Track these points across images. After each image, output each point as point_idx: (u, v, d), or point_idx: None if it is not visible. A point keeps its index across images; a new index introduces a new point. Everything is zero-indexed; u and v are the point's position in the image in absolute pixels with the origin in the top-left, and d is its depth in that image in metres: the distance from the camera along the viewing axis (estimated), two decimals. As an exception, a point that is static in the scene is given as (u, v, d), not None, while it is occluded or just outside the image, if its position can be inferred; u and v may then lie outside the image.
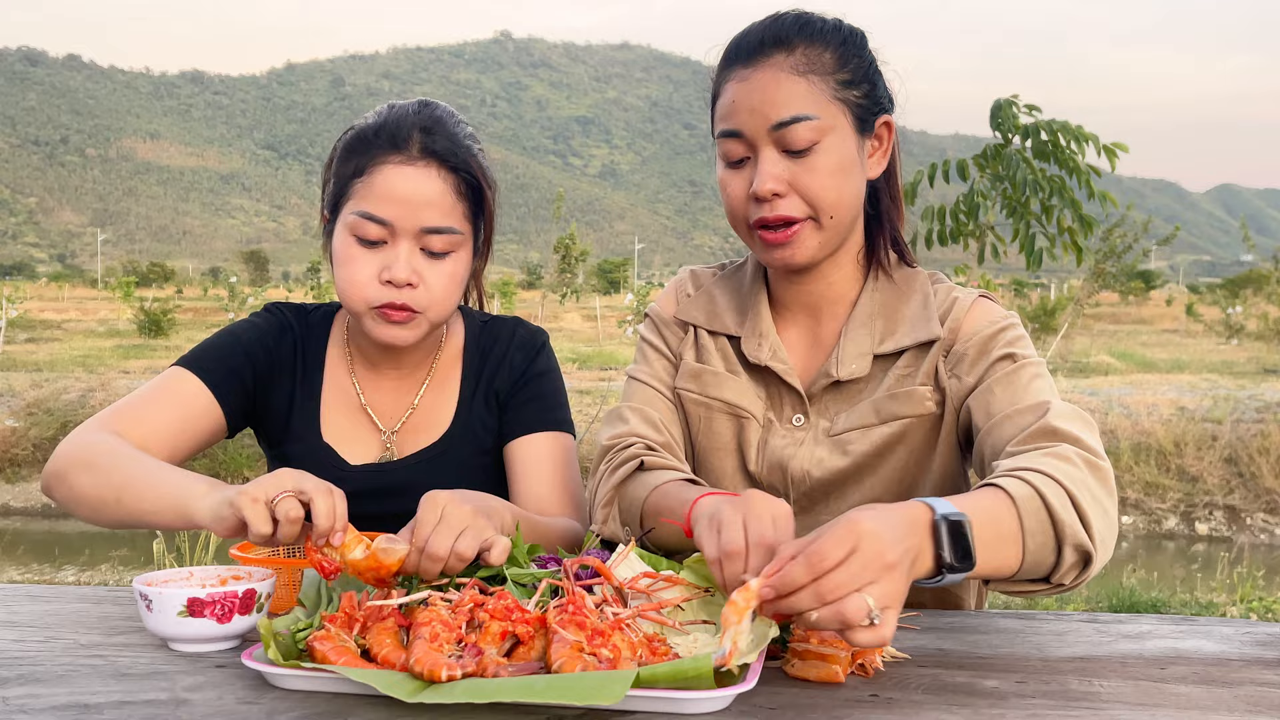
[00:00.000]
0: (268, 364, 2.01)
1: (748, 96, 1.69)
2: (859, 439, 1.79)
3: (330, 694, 1.25)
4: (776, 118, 1.67)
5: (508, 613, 1.30)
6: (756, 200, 1.71)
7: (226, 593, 1.42)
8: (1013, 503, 1.39)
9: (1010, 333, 1.76)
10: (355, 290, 1.85)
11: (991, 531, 1.35)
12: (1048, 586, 1.46)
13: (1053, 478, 1.43)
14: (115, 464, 1.70)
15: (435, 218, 1.84)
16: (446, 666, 1.19)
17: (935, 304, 1.82)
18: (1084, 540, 1.41)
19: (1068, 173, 7.18)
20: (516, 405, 2.02)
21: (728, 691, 1.19)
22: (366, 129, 1.89)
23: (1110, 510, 1.48)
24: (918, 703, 1.25)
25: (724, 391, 1.89)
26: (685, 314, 1.97)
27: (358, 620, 1.36)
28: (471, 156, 1.90)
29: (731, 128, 1.72)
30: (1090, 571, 1.44)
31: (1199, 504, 15.45)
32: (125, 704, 1.22)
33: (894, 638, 1.42)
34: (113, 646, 1.46)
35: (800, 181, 1.69)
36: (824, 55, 1.70)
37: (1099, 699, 1.26)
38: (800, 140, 1.67)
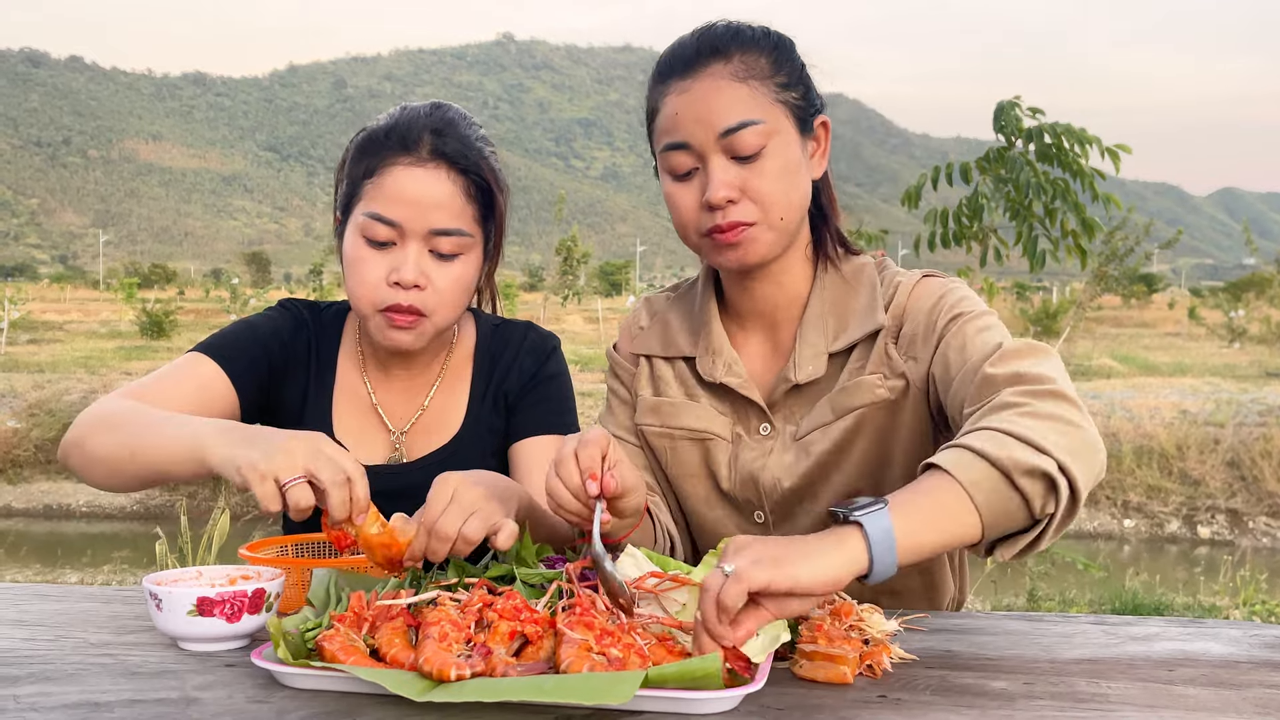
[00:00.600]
0: (283, 358, 2.00)
1: (691, 107, 1.70)
2: (819, 438, 1.80)
3: (339, 693, 1.25)
4: (723, 125, 1.68)
5: (516, 613, 1.30)
6: (709, 209, 1.71)
7: (236, 592, 1.42)
8: (940, 469, 1.37)
9: (950, 297, 1.76)
10: (364, 291, 1.85)
11: (932, 504, 1.34)
12: (1040, 528, 1.40)
13: (981, 428, 1.40)
14: (130, 420, 1.68)
15: (444, 220, 1.84)
16: (455, 666, 1.19)
17: (881, 292, 1.82)
18: (1035, 462, 1.35)
19: (1071, 175, 7.18)
20: (525, 408, 2.02)
21: (736, 692, 1.20)
22: (378, 130, 1.89)
23: (1074, 420, 1.42)
24: (926, 704, 1.25)
25: (684, 419, 1.90)
26: (640, 348, 1.99)
27: (366, 620, 1.36)
28: (483, 159, 1.89)
29: (678, 140, 1.72)
30: (1074, 489, 1.37)
31: (1201, 507, 15.44)
32: (136, 702, 1.22)
33: (902, 639, 1.43)
34: (122, 645, 1.46)
35: (751, 186, 1.70)
36: (760, 61, 1.72)
37: (1107, 700, 1.26)
38: (749, 145, 1.68)
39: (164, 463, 1.61)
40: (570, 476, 1.44)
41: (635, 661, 1.24)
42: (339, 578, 1.51)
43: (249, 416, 1.97)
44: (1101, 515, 14.87)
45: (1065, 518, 1.40)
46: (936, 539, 1.34)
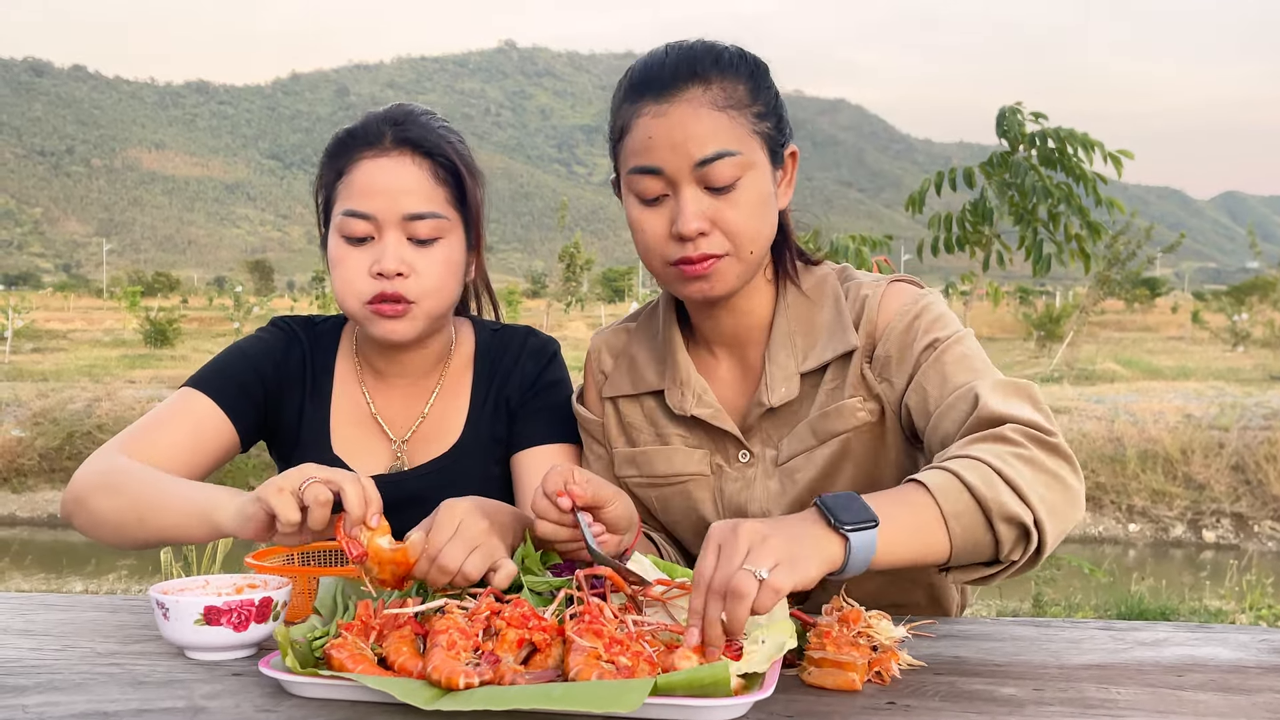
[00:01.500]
0: (277, 379, 2.01)
1: (667, 133, 1.63)
2: (804, 464, 1.77)
3: (348, 701, 1.25)
4: (700, 155, 1.62)
5: (524, 620, 1.30)
6: (679, 239, 1.66)
7: (243, 601, 1.42)
8: (927, 490, 1.40)
9: (924, 318, 1.72)
10: (348, 288, 1.87)
11: (911, 523, 1.38)
12: (1000, 568, 1.46)
13: (977, 459, 1.43)
14: (134, 484, 1.71)
15: (416, 204, 1.86)
16: (464, 674, 1.19)
17: (847, 307, 1.78)
18: (1015, 512, 1.40)
19: (1074, 180, 7.18)
20: (526, 415, 2.02)
21: (745, 699, 1.20)
22: (342, 133, 1.94)
23: (1065, 477, 1.47)
24: (935, 710, 1.24)
25: (660, 467, 1.86)
26: (610, 391, 1.93)
27: (374, 628, 1.36)
28: (446, 143, 1.92)
29: (649, 164, 1.65)
30: (1039, 544, 1.43)
31: (1206, 511, 15.41)
32: (143, 712, 1.22)
33: (910, 645, 1.43)
34: (129, 655, 1.46)
35: (723, 218, 1.65)
36: (739, 88, 1.66)
37: (1117, 706, 1.26)
38: (723, 177, 1.63)
39: (172, 529, 1.66)
40: (547, 512, 1.48)
41: (645, 669, 1.23)
42: (345, 586, 1.51)
43: (248, 440, 1.98)
44: (1106, 520, 14.85)
45: (1025, 566, 1.48)
46: (907, 555, 1.39)
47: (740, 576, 1.24)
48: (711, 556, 1.29)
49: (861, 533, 1.33)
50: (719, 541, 1.30)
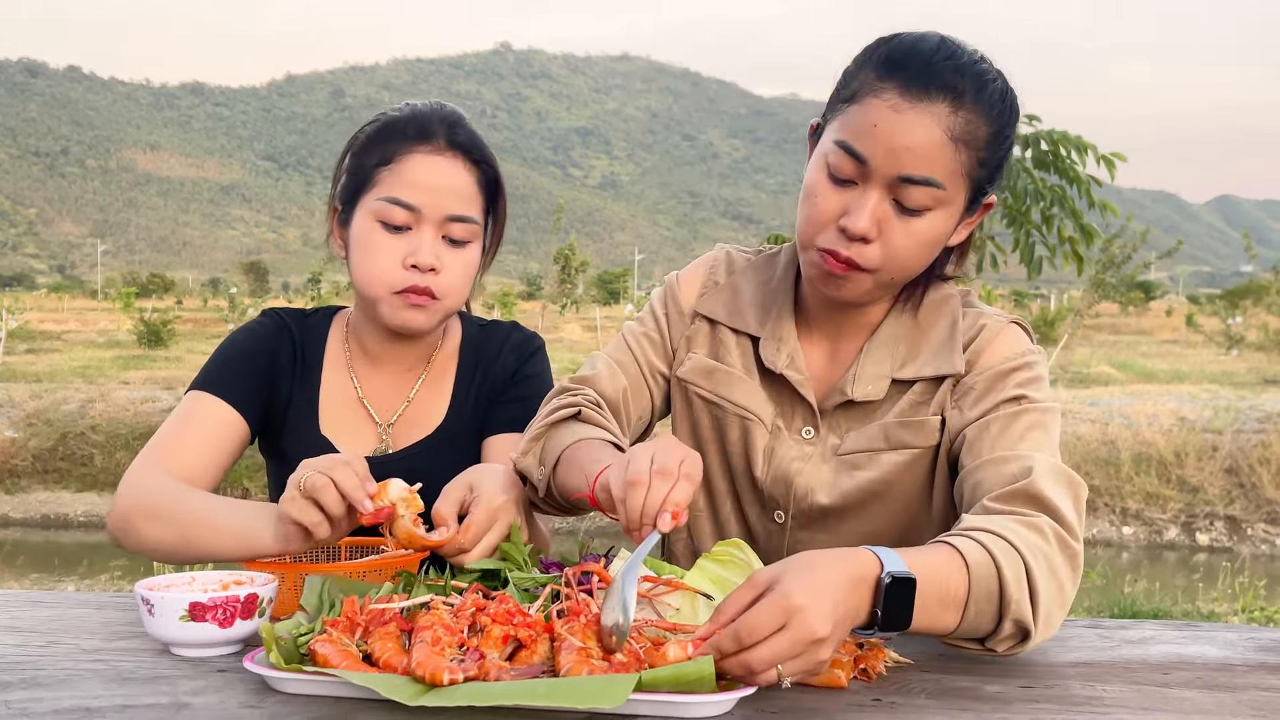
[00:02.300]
0: (270, 366, 2.04)
1: (892, 133, 1.55)
2: (866, 463, 1.73)
3: (332, 698, 1.25)
4: (909, 171, 1.55)
5: (509, 617, 1.30)
6: (841, 230, 1.60)
7: (228, 597, 1.42)
8: (966, 569, 1.35)
9: (1024, 373, 1.67)
10: (378, 274, 1.91)
11: (936, 595, 1.32)
12: (979, 648, 1.42)
13: (1015, 548, 1.38)
14: (177, 510, 1.77)
15: (459, 206, 1.92)
16: (449, 670, 1.19)
17: (961, 331, 1.74)
18: (1026, 619, 1.37)
19: (1068, 182, 7.19)
20: (503, 403, 2.07)
21: (730, 696, 1.19)
22: (394, 120, 1.96)
23: (1068, 591, 1.44)
24: (921, 707, 1.24)
25: (735, 393, 1.82)
26: (706, 308, 1.89)
27: (359, 625, 1.36)
28: (488, 153, 1.99)
29: (858, 150, 1.57)
30: (1025, 647, 1.41)
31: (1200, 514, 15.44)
32: (127, 708, 1.22)
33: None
34: (114, 651, 1.46)
35: (892, 236, 1.59)
36: (982, 128, 1.58)
37: (1102, 703, 1.26)
38: (916, 201, 1.57)
39: (217, 553, 1.74)
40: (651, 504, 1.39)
41: (633, 666, 1.23)
42: (332, 584, 1.51)
43: (256, 430, 2.03)
44: (1100, 522, 14.87)
45: (999, 654, 1.44)
46: (920, 625, 1.32)
47: (766, 673, 1.20)
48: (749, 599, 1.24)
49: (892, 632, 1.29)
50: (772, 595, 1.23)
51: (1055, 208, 7.22)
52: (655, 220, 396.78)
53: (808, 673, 1.23)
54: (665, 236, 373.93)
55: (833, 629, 1.22)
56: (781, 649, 1.20)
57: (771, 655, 1.20)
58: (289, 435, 2.03)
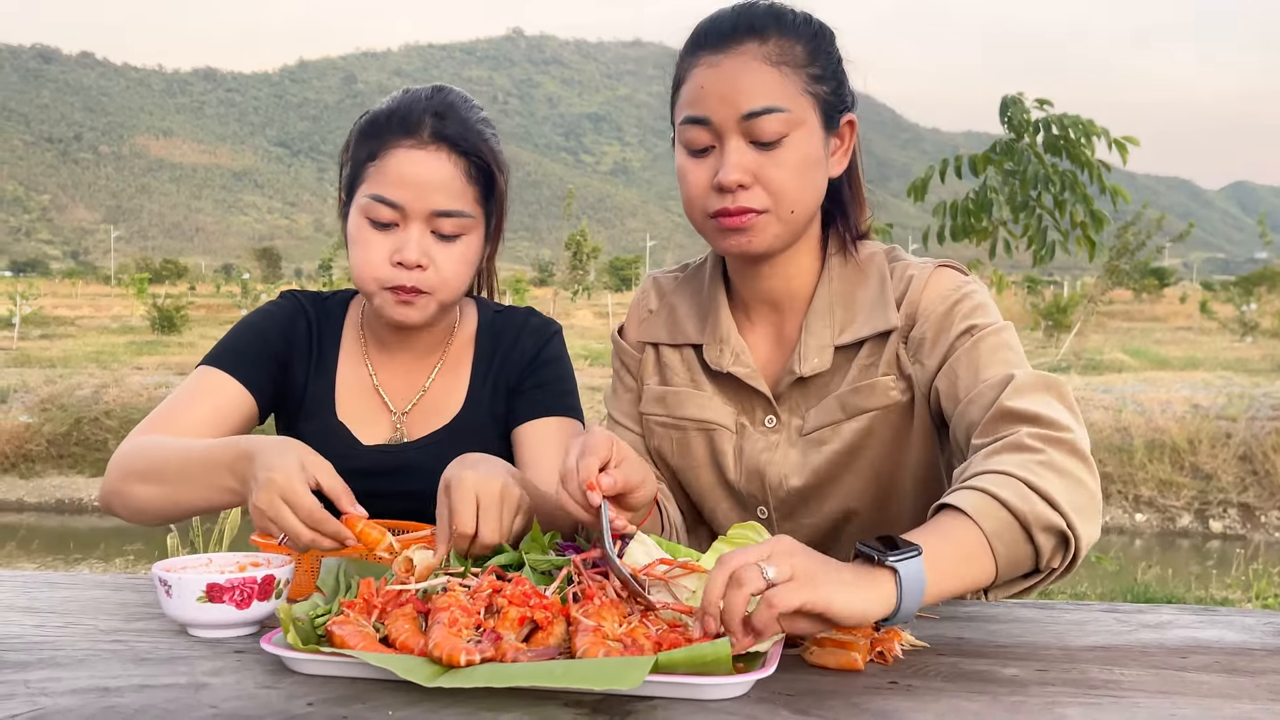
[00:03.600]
0: (285, 348, 2.05)
1: (718, 83, 1.65)
2: (830, 436, 1.77)
3: (349, 679, 1.25)
4: (747, 107, 1.63)
5: (526, 598, 1.30)
6: (719, 190, 1.66)
7: (245, 578, 1.42)
8: (964, 513, 1.36)
9: (965, 304, 1.72)
10: (368, 270, 1.90)
11: (952, 556, 1.33)
12: (1040, 577, 1.44)
13: (1003, 473, 1.40)
14: (163, 468, 1.77)
15: (445, 201, 1.88)
16: (465, 651, 1.19)
17: (892, 286, 1.78)
18: (1053, 520, 1.38)
19: (1079, 167, 7.16)
20: (526, 391, 2.05)
21: (747, 678, 1.19)
22: (380, 113, 1.93)
23: (1084, 479, 1.44)
24: (937, 690, 1.24)
25: (689, 409, 1.87)
26: (647, 335, 1.95)
27: (376, 606, 1.36)
28: (483, 141, 1.93)
29: (698, 114, 1.67)
30: (1077, 549, 1.41)
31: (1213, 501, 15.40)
32: (146, 688, 1.22)
33: (913, 626, 1.42)
34: (132, 632, 1.46)
35: (765, 174, 1.65)
36: (796, 48, 1.67)
37: (1120, 687, 1.26)
38: (769, 132, 1.63)
39: (206, 506, 1.75)
40: (575, 492, 1.45)
41: (649, 648, 1.23)
42: (348, 566, 1.51)
43: (267, 412, 2.04)
44: (1113, 509, 14.85)
45: (1063, 573, 1.46)
46: (958, 586, 1.35)
47: (749, 568, 1.22)
48: (742, 551, 1.26)
49: (908, 561, 1.28)
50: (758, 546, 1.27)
51: (1066, 193, 7.19)
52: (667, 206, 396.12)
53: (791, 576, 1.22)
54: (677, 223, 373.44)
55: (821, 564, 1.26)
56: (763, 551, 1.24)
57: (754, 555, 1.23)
58: (306, 419, 2.03)
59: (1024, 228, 7.25)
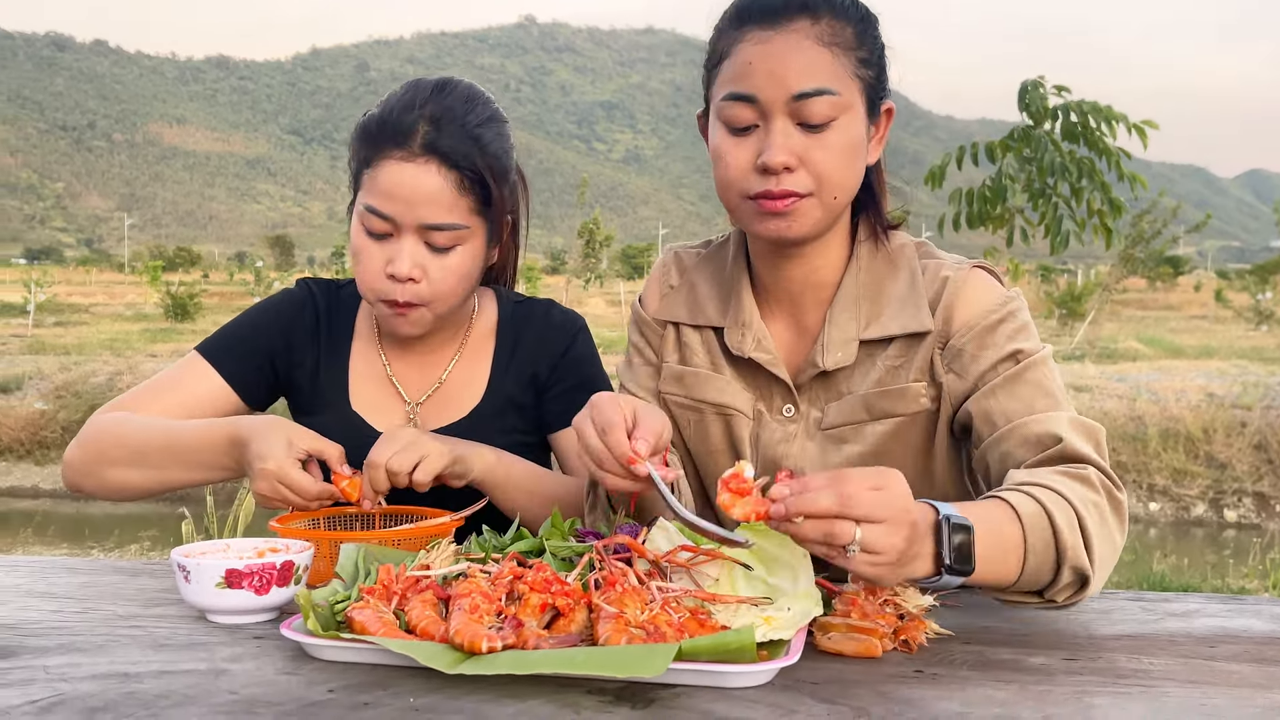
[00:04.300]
0: (286, 344, 2.04)
1: (767, 60, 1.58)
2: (852, 436, 1.72)
3: (369, 665, 1.24)
4: (799, 87, 1.57)
5: (547, 585, 1.29)
6: (763, 172, 1.60)
7: (264, 564, 1.41)
8: (1018, 518, 1.36)
9: (1009, 324, 1.66)
10: (365, 280, 1.89)
11: (994, 543, 1.33)
12: (1040, 601, 1.43)
13: (1064, 498, 1.40)
14: (146, 451, 1.84)
15: (436, 214, 1.83)
16: (487, 638, 1.18)
17: (924, 284, 1.72)
18: (1084, 564, 1.38)
19: (1097, 154, 7.12)
20: (560, 395, 2.01)
21: (771, 666, 1.18)
22: (372, 121, 1.89)
23: (1117, 539, 1.46)
24: (964, 679, 1.23)
25: (708, 392, 1.82)
26: (667, 312, 1.89)
27: (396, 592, 1.35)
28: (480, 150, 1.86)
29: (745, 91, 1.59)
30: (1085, 595, 1.41)
31: (1228, 491, 15.34)
32: (165, 673, 1.21)
33: (937, 614, 1.41)
34: (151, 618, 1.45)
35: (812, 157, 1.59)
36: (846, 29, 1.61)
37: (1149, 676, 1.24)
38: (819, 114, 1.58)
39: (191, 483, 1.86)
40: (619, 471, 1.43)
41: (672, 636, 1.22)
42: (367, 552, 1.50)
43: (261, 401, 2.06)
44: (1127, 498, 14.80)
45: (1059, 607, 1.45)
46: (982, 577, 1.34)
47: (844, 527, 1.21)
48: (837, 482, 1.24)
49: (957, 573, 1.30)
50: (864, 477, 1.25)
51: (1084, 180, 7.15)
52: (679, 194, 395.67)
53: (877, 551, 1.22)
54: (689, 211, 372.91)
55: (917, 521, 1.26)
56: (875, 499, 1.22)
57: (868, 500, 1.22)
58: (321, 410, 2.01)
59: (1041, 215, 7.21)
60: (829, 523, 1.22)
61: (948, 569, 1.29)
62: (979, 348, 1.65)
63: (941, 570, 1.29)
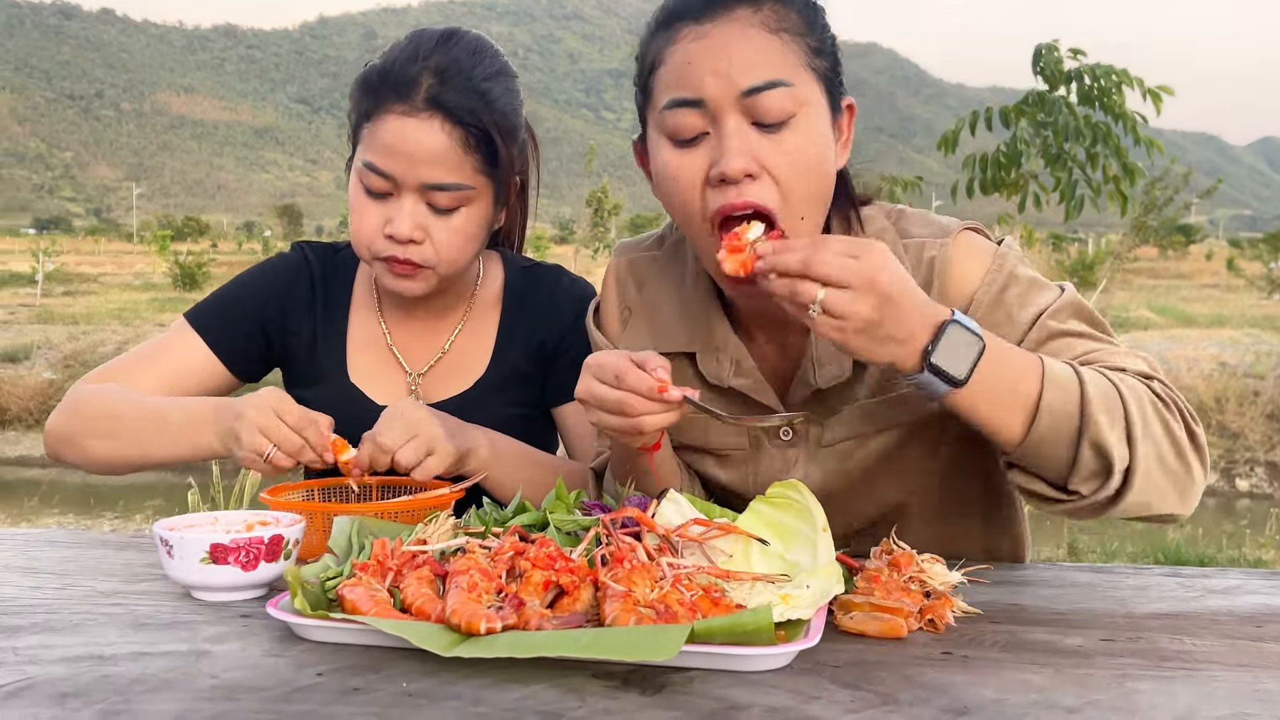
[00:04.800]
0: (279, 311, 1.95)
1: (708, 56, 1.37)
2: (856, 449, 1.56)
3: (361, 646, 1.16)
4: (748, 82, 1.36)
5: (550, 561, 1.20)
6: (721, 182, 1.38)
7: (251, 539, 1.33)
8: (1041, 371, 1.30)
9: (1014, 287, 1.48)
10: (362, 239, 1.79)
11: (1002, 373, 1.28)
12: (1065, 497, 1.35)
13: (1114, 384, 1.31)
14: (128, 424, 1.77)
15: (439, 174, 1.73)
16: (485, 618, 1.10)
17: (908, 269, 1.45)
18: (1108, 444, 1.27)
19: (1113, 119, 7.00)
20: (569, 365, 1.89)
21: (789, 648, 1.10)
22: (373, 72, 1.78)
23: (1193, 468, 1.36)
24: (995, 661, 1.15)
25: (692, 434, 1.62)
26: (632, 344, 1.64)
27: (391, 569, 1.27)
28: (487, 105, 1.75)
29: (687, 95, 1.38)
30: (1117, 491, 1.32)
31: (1240, 460, 15.27)
32: (143, 655, 1.14)
33: (964, 592, 1.32)
34: (133, 594, 1.38)
35: (772, 161, 1.37)
36: (791, 15, 1.41)
37: (1193, 658, 1.16)
38: (775, 110, 1.37)
39: (167, 459, 1.77)
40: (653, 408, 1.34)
41: (683, 615, 1.14)
42: (362, 525, 1.42)
43: (251, 372, 1.96)
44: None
45: (1092, 509, 1.36)
46: (978, 409, 1.31)
47: (804, 290, 1.23)
48: (813, 245, 1.24)
49: (965, 336, 1.27)
50: (841, 243, 1.25)
51: (1099, 145, 7.04)
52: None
53: (841, 315, 1.23)
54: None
55: (895, 294, 1.24)
56: (841, 265, 1.22)
57: (834, 263, 1.22)
58: (317, 382, 1.92)
59: (1055, 181, 7.10)
60: (795, 281, 1.23)
61: (931, 366, 1.26)
62: (991, 325, 1.43)
63: (925, 364, 1.26)
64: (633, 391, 1.33)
